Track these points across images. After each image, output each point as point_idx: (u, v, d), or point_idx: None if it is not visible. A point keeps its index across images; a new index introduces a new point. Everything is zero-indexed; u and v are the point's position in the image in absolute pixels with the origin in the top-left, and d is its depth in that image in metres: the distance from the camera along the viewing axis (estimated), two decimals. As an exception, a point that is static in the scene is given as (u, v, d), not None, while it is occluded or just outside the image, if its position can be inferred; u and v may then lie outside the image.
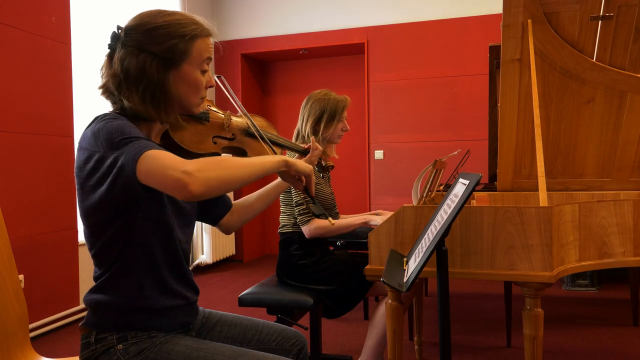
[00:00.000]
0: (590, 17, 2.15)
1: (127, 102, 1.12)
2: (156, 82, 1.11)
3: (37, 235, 3.02)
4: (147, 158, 0.97)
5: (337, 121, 2.26)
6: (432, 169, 2.14)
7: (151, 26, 1.12)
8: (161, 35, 1.12)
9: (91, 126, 1.09)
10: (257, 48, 5.16)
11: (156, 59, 1.11)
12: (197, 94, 1.19)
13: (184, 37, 1.13)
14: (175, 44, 1.12)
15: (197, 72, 1.17)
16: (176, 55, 1.13)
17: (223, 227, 1.48)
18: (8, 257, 1.33)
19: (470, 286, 4.06)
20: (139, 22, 1.14)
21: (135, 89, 1.11)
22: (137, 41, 1.11)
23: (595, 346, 2.70)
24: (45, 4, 3.10)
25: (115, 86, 1.12)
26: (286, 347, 1.35)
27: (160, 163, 0.96)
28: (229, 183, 1.01)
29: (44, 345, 2.86)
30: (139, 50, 1.11)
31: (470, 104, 4.56)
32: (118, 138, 1.02)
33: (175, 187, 0.94)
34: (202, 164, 0.97)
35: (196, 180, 0.94)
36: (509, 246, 1.60)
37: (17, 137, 2.91)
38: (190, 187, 0.93)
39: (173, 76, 1.14)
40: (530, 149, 2.43)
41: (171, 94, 1.14)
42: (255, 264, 5.16)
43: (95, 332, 1.13)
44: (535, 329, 1.61)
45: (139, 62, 1.10)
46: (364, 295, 2.11)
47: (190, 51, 1.14)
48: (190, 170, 0.94)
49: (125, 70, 1.10)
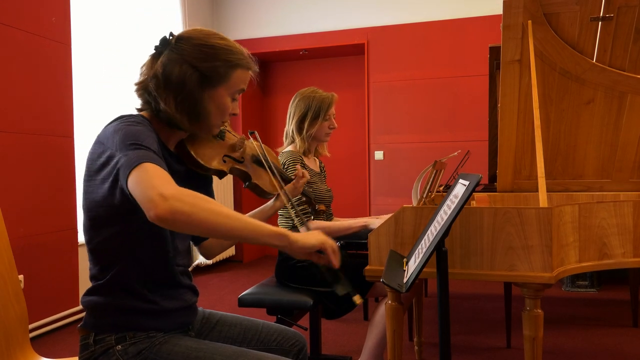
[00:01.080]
0: (591, 18, 2.15)
1: (163, 105, 1.15)
2: (193, 94, 1.16)
3: (37, 235, 3.02)
4: (140, 169, 0.97)
5: (322, 119, 2.23)
6: (432, 170, 2.14)
7: (202, 42, 1.18)
8: (208, 54, 1.17)
9: (114, 123, 1.11)
10: (257, 48, 5.16)
11: (196, 73, 1.16)
12: (221, 117, 1.24)
13: (228, 62, 1.19)
14: (218, 66, 1.18)
15: (228, 98, 1.22)
16: (215, 77, 1.18)
17: (204, 249, 1.46)
18: (8, 257, 1.33)
19: (470, 287, 4.06)
20: (192, 35, 1.19)
21: (173, 96, 1.15)
22: (184, 51, 1.16)
23: (595, 347, 2.70)
24: (45, 4, 3.10)
25: (154, 87, 1.15)
26: (286, 347, 1.35)
27: (147, 178, 0.95)
28: (201, 225, 0.95)
29: (44, 346, 2.86)
30: (183, 61, 1.15)
31: (470, 105, 4.56)
32: (129, 141, 1.03)
33: (146, 205, 0.93)
34: (185, 195, 0.95)
35: (165, 206, 0.92)
36: (509, 247, 1.60)
37: (17, 137, 2.91)
38: (157, 210, 0.92)
39: (207, 95, 1.18)
40: (530, 149, 2.43)
41: (201, 111, 1.18)
42: (255, 265, 5.16)
43: (94, 334, 1.13)
44: (535, 329, 1.60)
45: (181, 71, 1.15)
46: (364, 296, 2.10)
47: (229, 77, 1.20)
48: (167, 195, 0.93)
49: (166, 74, 1.15)
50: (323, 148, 2.38)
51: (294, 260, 2.15)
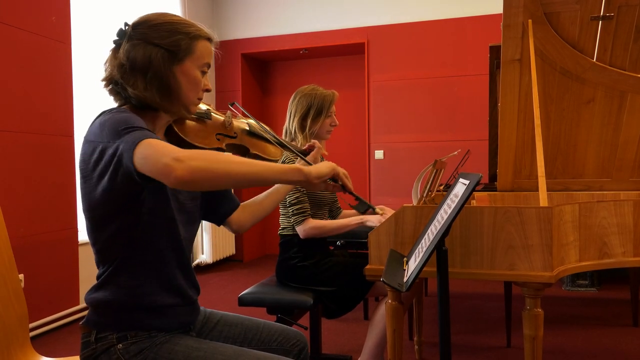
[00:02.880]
0: (591, 17, 2.15)
1: (131, 90, 1.15)
2: (162, 72, 1.15)
3: (37, 235, 3.02)
4: (144, 145, 0.98)
5: (324, 116, 2.23)
6: (432, 169, 2.14)
7: (159, 22, 1.18)
8: (167, 30, 1.17)
9: (98, 119, 1.11)
10: (257, 48, 5.16)
11: (162, 50, 1.16)
12: (195, 92, 1.22)
13: (188, 34, 1.19)
14: (181, 39, 1.18)
15: (197, 71, 1.21)
16: (180, 50, 1.18)
17: (233, 225, 1.46)
18: (8, 257, 1.33)
19: (470, 286, 4.06)
20: (146, 19, 1.19)
21: (141, 77, 1.14)
22: (144, 34, 1.16)
23: (595, 346, 2.70)
24: (45, 3, 3.10)
25: (120, 75, 1.15)
26: (287, 347, 1.35)
27: (155, 149, 0.97)
28: (220, 177, 0.98)
29: (44, 345, 2.86)
30: (146, 43, 1.15)
31: (471, 104, 4.56)
32: (121, 127, 1.04)
33: (163, 173, 0.94)
34: (197, 154, 0.97)
35: (184, 167, 0.93)
36: (509, 246, 1.60)
37: (17, 137, 2.91)
38: (177, 173, 0.93)
39: (176, 70, 1.18)
40: (531, 149, 2.42)
41: (173, 87, 1.18)
42: (255, 264, 5.16)
43: (96, 331, 1.13)
44: (535, 329, 1.61)
45: (146, 52, 1.15)
46: (364, 296, 2.10)
47: (194, 49, 1.19)
48: (181, 157, 0.94)
49: (131, 60, 1.14)
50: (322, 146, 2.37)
51: (294, 260, 2.15)
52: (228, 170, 0.99)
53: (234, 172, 1.00)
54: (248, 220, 1.47)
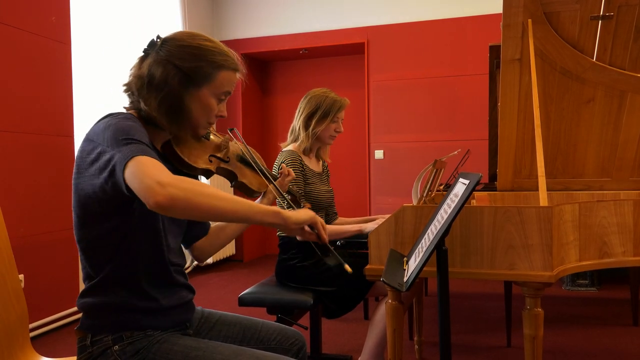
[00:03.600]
0: (591, 16, 2.15)
1: (144, 105, 1.16)
2: (175, 94, 1.16)
3: (37, 235, 3.02)
4: (136, 161, 0.98)
5: (330, 120, 2.23)
6: (432, 169, 2.14)
7: (187, 44, 1.18)
8: (192, 54, 1.17)
9: (104, 120, 1.12)
10: (257, 48, 5.16)
11: (180, 73, 1.16)
12: (206, 118, 1.23)
13: (212, 63, 1.19)
14: (202, 66, 1.17)
15: (213, 99, 1.21)
16: (199, 77, 1.18)
17: (196, 251, 1.45)
18: (8, 257, 1.33)
19: (470, 286, 4.06)
20: (177, 37, 1.20)
21: (155, 95, 1.15)
22: (168, 52, 1.17)
23: (595, 346, 2.70)
24: (45, 4, 3.10)
25: (137, 87, 1.17)
26: (285, 346, 1.35)
27: (144, 169, 0.97)
28: (199, 210, 0.98)
29: (44, 345, 2.86)
30: (167, 61, 1.16)
31: (470, 104, 4.56)
32: (122, 136, 1.04)
33: (144, 194, 0.95)
34: (182, 181, 0.97)
35: (165, 193, 0.94)
36: (509, 246, 1.60)
37: (17, 137, 2.91)
38: (156, 198, 0.94)
39: (190, 94, 1.18)
40: (531, 148, 2.43)
41: (184, 110, 1.18)
42: (255, 264, 5.16)
43: (91, 335, 1.13)
44: (535, 328, 1.61)
45: (164, 71, 1.15)
46: (364, 296, 2.10)
47: (214, 78, 1.20)
48: (165, 182, 0.95)
49: (150, 75, 1.15)
50: (325, 153, 2.37)
51: (294, 259, 2.15)
52: (208, 205, 0.99)
53: (214, 207, 1.00)
54: (207, 247, 1.45)
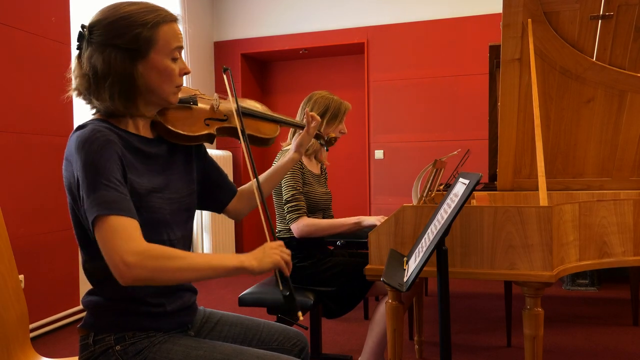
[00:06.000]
0: (590, 16, 2.15)
1: (96, 102, 1.11)
2: (123, 75, 1.09)
3: (37, 235, 3.02)
4: (105, 224, 0.99)
5: (338, 121, 2.25)
6: (432, 169, 2.14)
7: (113, 19, 1.09)
8: (123, 26, 1.09)
9: (73, 140, 1.07)
10: (257, 48, 5.16)
11: (121, 51, 1.09)
12: (170, 83, 1.15)
13: (146, 24, 1.10)
14: (139, 32, 1.09)
15: (167, 60, 1.14)
16: (141, 45, 1.09)
17: (231, 213, 1.46)
18: (8, 257, 1.33)
19: (470, 286, 4.06)
20: (101, 17, 1.11)
21: (103, 86, 1.09)
22: (100, 37, 1.09)
23: (596, 345, 2.70)
24: (45, 4, 3.10)
25: (85, 87, 1.11)
26: (287, 347, 1.35)
27: (112, 240, 0.98)
28: (164, 283, 1.03)
29: (44, 345, 2.86)
30: (104, 46, 1.09)
31: (470, 104, 4.56)
32: (90, 176, 1.02)
33: (112, 270, 0.99)
34: (149, 258, 0.98)
35: (129, 275, 0.97)
36: (509, 246, 1.60)
37: (17, 137, 2.91)
38: (122, 279, 0.98)
39: (142, 67, 1.11)
40: (530, 148, 2.43)
41: (140, 86, 1.12)
42: (255, 264, 5.15)
43: (93, 334, 1.13)
44: (536, 328, 1.61)
45: (105, 57, 1.08)
46: (364, 295, 2.10)
47: (156, 38, 1.11)
48: (130, 262, 0.97)
49: (92, 68, 1.09)
50: (323, 155, 2.38)
51: (294, 260, 2.15)
52: (174, 279, 1.03)
53: (179, 279, 1.04)
54: (246, 206, 1.47)
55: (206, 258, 1.06)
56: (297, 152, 1.58)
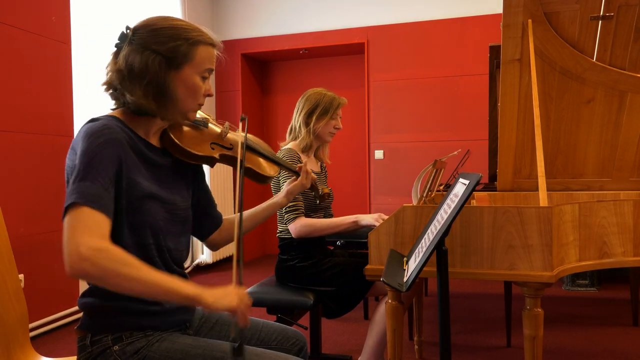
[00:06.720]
0: (591, 17, 2.15)
1: (129, 96, 1.15)
2: (158, 78, 1.15)
3: (37, 235, 3.02)
4: (73, 212, 0.99)
5: (329, 117, 2.24)
6: (432, 169, 2.14)
7: (159, 26, 1.17)
8: (167, 35, 1.16)
9: (84, 130, 1.10)
10: (257, 48, 5.16)
11: (159, 57, 1.14)
12: (194, 99, 1.21)
13: (187, 40, 1.17)
14: (180, 45, 1.16)
15: (197, 77, 1.20)
16: (178, 56, 1.16)
17: (210, 243, 1.46)
18: (8, 257, 1.33)
19: (470, 286, 4.06)
20: (147, 22, 1.18)
21: (138, 84, 1.14)
22: (142, 39, 1.15)
23: (595, 346, 2.70)
24: (45, 3, 3.10)
25: (119, 81, 1.15)
26: (286, 346, 1.35)
27: (74, 227, 0.97)
28: (111, 287, 0.97)
29: (44, 345, 2.86)
30: (144, 48, 1.14)
31: (470, 104, 4.56)
32: (81, 166, 1.03)
33: (64, 257, 0.96)
34: (102, 258, 0.95)
35: (78, 267, 0.94)
36: (509, 246, 1.60)
37: (17, 137, 2.91)
38: (69, 268, 0.94)
39: (174, 77, 1.17)
40: (530, 148, 2.43)
41: (171, 93, 1.17)
42: (255, 264, 5.16)
43: (91, 334, 1.13)
44: (535, 328, 1.61)
45: (143, 58, 1.14)
46: (364, 295, 2.10)
47: (193, 56, 1.18)
48: (84, 255, 0.94)
49: (129, 66, 1.14)
50: (324, 152, 2.37)
51: (294, 260, 2.15)
52: (122, 286, 0.97)
53: (128, 288, 0.98)
54: (224, 239, 1.46)
55: (163, 278, 1.00)
56: (285, 198, 1.58)
